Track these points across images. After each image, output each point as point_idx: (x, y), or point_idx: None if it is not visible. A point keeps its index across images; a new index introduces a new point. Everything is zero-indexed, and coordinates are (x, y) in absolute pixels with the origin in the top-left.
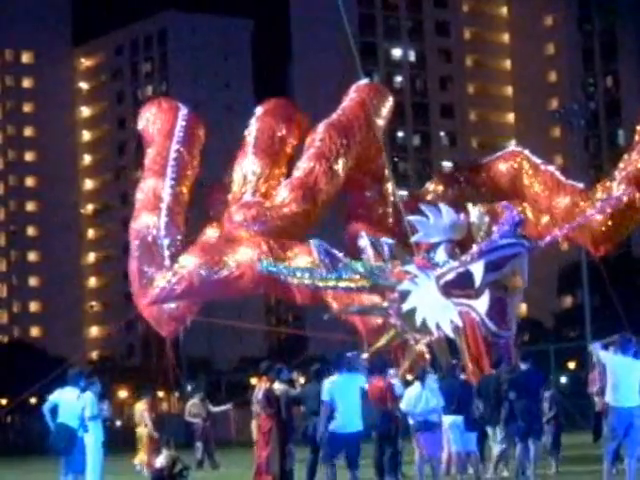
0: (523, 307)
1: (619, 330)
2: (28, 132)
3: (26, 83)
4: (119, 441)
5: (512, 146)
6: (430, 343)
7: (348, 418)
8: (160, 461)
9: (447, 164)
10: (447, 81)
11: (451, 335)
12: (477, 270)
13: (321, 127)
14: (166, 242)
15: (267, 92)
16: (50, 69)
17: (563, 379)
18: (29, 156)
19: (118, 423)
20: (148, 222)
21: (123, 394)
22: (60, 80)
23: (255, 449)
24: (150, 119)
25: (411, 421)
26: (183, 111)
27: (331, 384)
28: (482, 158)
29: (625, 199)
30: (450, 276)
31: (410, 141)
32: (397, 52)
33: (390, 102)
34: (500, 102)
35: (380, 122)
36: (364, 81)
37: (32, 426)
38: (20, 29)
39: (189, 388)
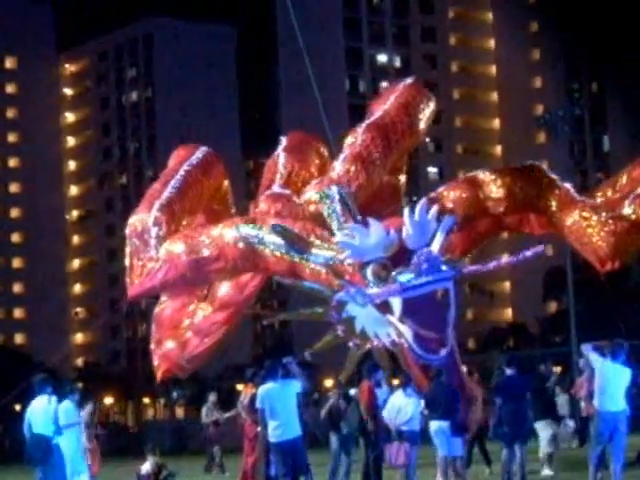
0: (508, 312)
1: (604, 335)
2: (12, 138)
3: (10, 89)
4: (104, 447)
5: (530, 160)
6: (371, 350)
7: (286, 425)
8: (146, 468)
9: (432, 170)
10: (432, 87)
11: (389, 347)
12: (395, 304)
13: (362, 127)
14: (154, 231)
15: (252, 98)
16: (34, 75)
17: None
18: (13, 162)
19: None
20: (143, 217)
21: (109, 400)
22: (44, 86)
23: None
24: (173, 160)
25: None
26: (202, 148)
27: (265, 391)
28: (467, 164)
29: (634, 217)
30: (377, 301)
31: None
32: (382, 57)
33: (433, 105)
34: (485, 108)
35: (422, 126)
36: (409, 80)
37: (13, 434)
38: (4, 34)
39: (174, 395)
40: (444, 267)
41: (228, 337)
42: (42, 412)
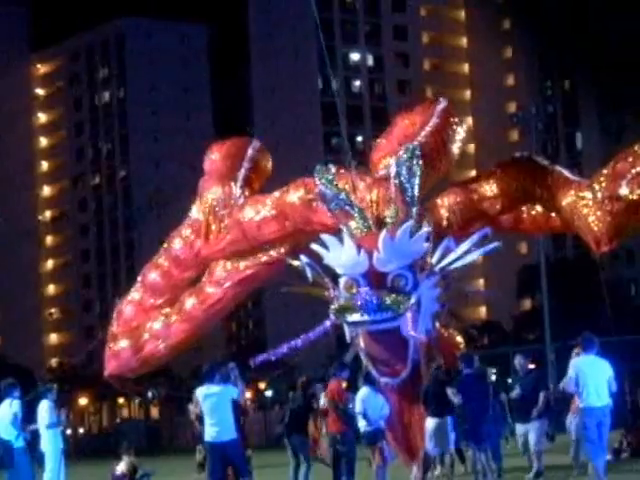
0: (483, 310)
1: (578, 332)
2: None
3: None
4: (81, 449)
5: (518, 152)
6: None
7: (220, 427)
8: (121, 468)
9: None
10: (405, 85)
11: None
12: (345, 330)
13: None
14: (240, 201)
15: (225, 98)
16: (6, 75)
17: None
18: None
19: (81, 430)
20: (223, 189)
21: (83, 402)
22: (16, 86)
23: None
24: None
25: (364, 427)
26: (255, 143)
27: (202, 393)
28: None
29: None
30: (329, 326)
31: (369, 145)
32: (355, 56)
33: (464, 131)
34: (458, 106)
35: (456, 151)
36: (442, 103)
37: None
38: None
39: (149, 394)
40: (384, 308)
41: (185, 348)
42: (5, 418)
